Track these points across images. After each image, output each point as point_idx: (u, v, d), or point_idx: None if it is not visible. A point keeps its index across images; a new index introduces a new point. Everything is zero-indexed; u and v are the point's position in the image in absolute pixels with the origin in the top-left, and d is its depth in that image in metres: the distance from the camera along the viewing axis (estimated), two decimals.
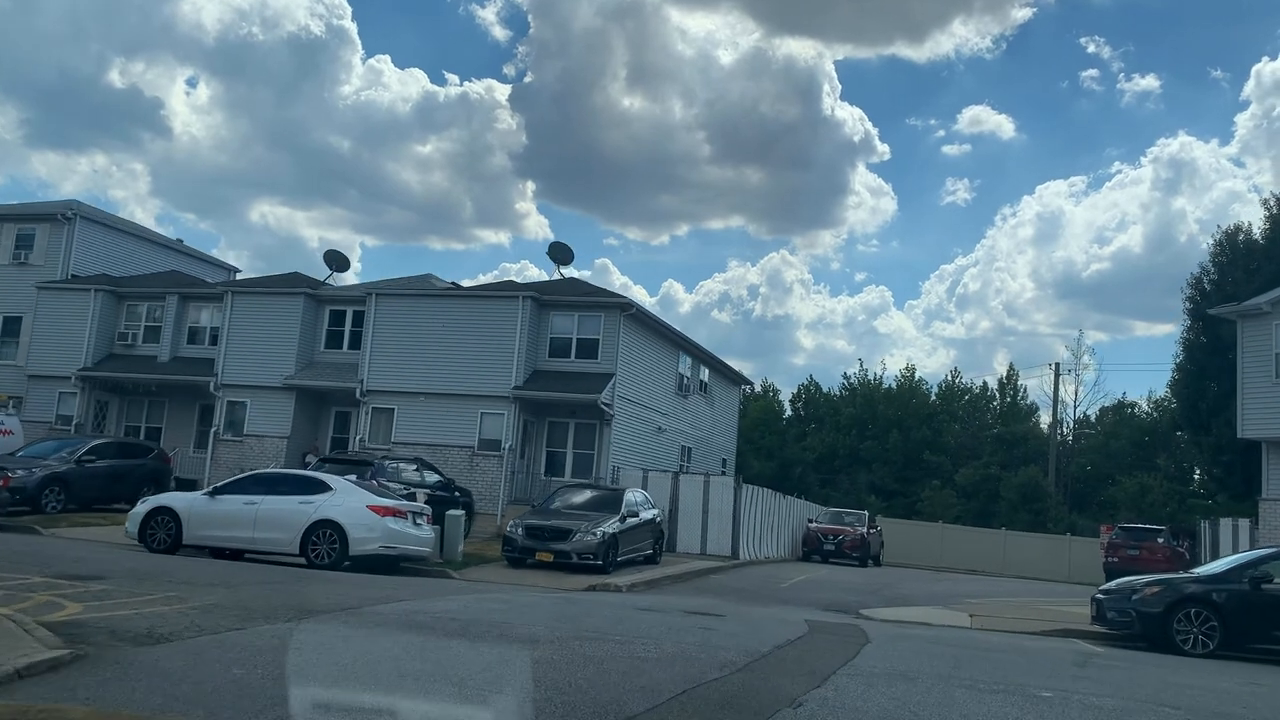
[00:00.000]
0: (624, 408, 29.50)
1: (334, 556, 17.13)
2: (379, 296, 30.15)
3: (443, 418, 28.90)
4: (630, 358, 29.89)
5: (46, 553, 15.77)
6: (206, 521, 17.86)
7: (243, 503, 17.81)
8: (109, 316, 33.04)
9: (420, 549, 18.25)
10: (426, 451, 28.43)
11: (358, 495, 17.79)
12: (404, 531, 17.67)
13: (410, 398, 29.24)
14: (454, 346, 29.11)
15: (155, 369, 32.05)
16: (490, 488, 28.17)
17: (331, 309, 31.54)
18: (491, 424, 28.64)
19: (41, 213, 34.62)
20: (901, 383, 66.43)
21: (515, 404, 28.48)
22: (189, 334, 32.81)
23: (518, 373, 28.56)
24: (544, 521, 20.35)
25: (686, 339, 35.05)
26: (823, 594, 21.63)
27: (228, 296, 31.57)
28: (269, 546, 17.52)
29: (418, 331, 29.51)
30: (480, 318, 29.29)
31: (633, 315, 29.54)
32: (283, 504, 17.69)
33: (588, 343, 29.23)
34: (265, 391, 30.57)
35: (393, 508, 17.66)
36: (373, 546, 17.32)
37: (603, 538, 19.94)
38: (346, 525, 17.21)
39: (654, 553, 23.11)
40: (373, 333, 29.83)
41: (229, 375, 31.01)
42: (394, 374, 29.48)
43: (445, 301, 30.08)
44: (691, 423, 36.56)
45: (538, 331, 29.43)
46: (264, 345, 30.83)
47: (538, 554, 19.82)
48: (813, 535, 35.41)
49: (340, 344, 31.26)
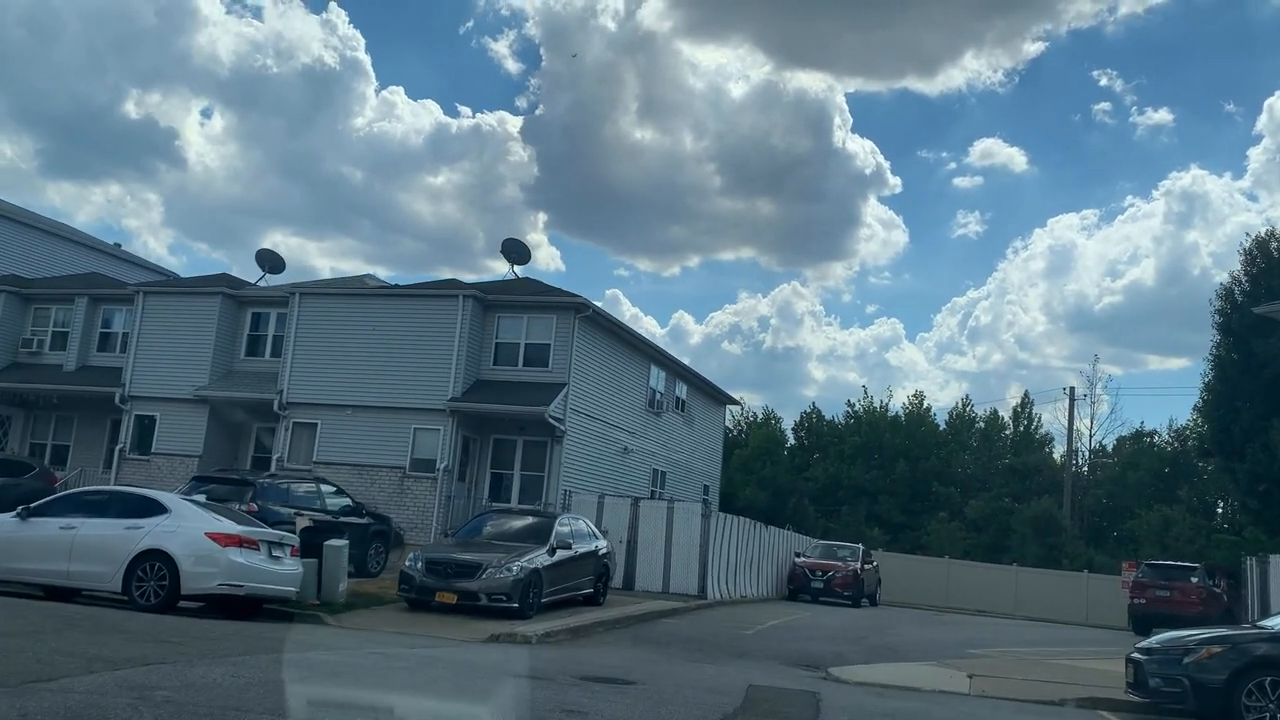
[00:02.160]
0: (579, 423, 25.90)
1: (162, 595, 13.52)
2: (303, 296, 26.72)
3: (371, 434, 25.36)
4: (587, 367, 26.33)
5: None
6: (13, 551, 14.25)
7: (58, 527, 14.22)
8: (13, 320, 29.69)
9: (279, 587, 14.61)
10: (352, 473, 24.92)
11: (196, 520, 14.19)
12: (254, 566, 14.03)
13: (335, 411, 25.72)
14: (385, 353, 25.62)
15: (59, 379, 28.62)
16: (423, 514, 24.57)
17: (254, 311, 28.12)
18: (426, 441, 25.07)
19: None
20: (909, 411, 62.95)
21: (453, 418, 24.91)
22: (99, 340, 29.41)
23: (456, 382, 25.03)
24: (447, 554, 16.72)
25: (659, 350, 31.50)
26: (794, 644, 17.92)
27: (139, 298, 28.18)
28: (87, 582, 13.94)
29: (345, 336, 26.05)
30: (415, 320, 25.80)
31: (589, 318, 26.01)
32: (105, 529, 14.10)
33: (537, 348, 25.72)
34: (176, 404, 27.11)
35: (239, 535, 14.04)
36: (210, 584, 13.69)
37: (520, 574, 16.28)
38: (178, 556, 13.61)
39: (595, 592, 19.43)
40: (294, 337, 26.37)
41: (137, 386, 27.57)
42: (317, 384, 25.98)
43: (376, 302, 26.62)
44: (665, 444, 32.92)
45: (481, 336, 25.93)
46: (177, 352, 27.40)
47: (438, 594, 16.17)
48: (799, 571, 31.60)
49: (262, 351, 27.83)
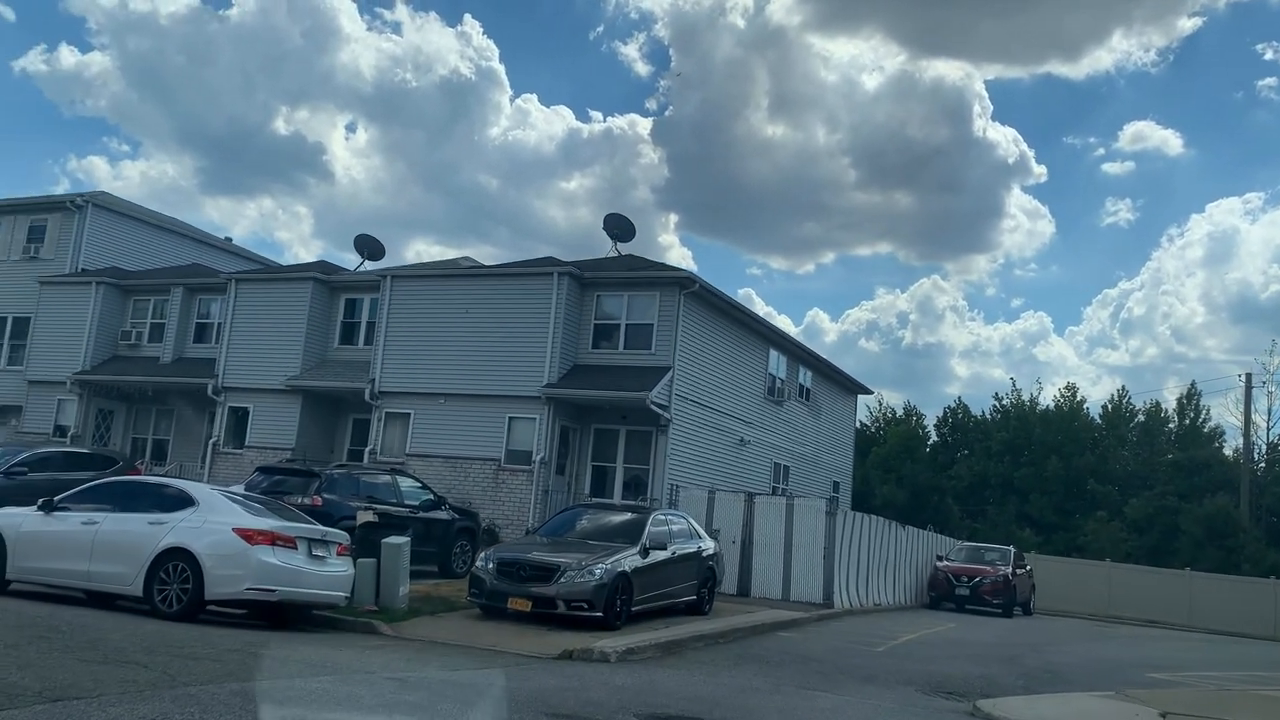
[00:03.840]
0: (686, 411, 23.46)
1: (185, 601, 11.73)
2: (394, 280, 25.09)
3: (465, 424, 23.51)
4: (695, 348, 23.86)
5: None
6: (36, 548, 12.75)
7: (80, 522, 12.65)
8: (113, 314, 29.16)
9: (321, 591, 12.66)
10: (445, 466, 23.14)
11: (226, 514, 12.37)
12: (289, 567, 12.11)
13: (428, 400, 23.99)
14: (479, 337, 23.74)
15: (156, 371, 27.88)
16: (519, 510, 22.57)
17: (347, 298, 26.72)
18: (521, 431, 23.06)
19: (53, 203, 31.20)
20: (1060, 404, 58.17)
21: (549, 406, 22.82)
22: (196, 331, 28.56)
23: (552, 367, 22.93)
24: (521, 555, 14.52)
25: (779, 332, 28.75)
26: (934, 664, 15.05)
27: (231, 286, 27.14)
28: (108, 584, 12.27)
29: (437, 321, 24.29)
30: (509, 302, 23.82)
31: (695, 294, 23.52)
32: (127, 525, 12.42)
33: (638, 329, 23.39)
34: (269, 395, 25.91)
35: (271, 532, 12.14)
36: (236, 588, 11.82)
37: (604, 578, 13.96)
38: (201, 556, 11.81)
39: (699, 599, 16.95)
40: (386, 323, 24.77)
41: (231, 377, 26.52)
42: (410, 372, 24.31)
43: (468, 283, 24.75)
44: (788, 436, 30.14)
45: (579, 317, 23.76)
46: (269, 341, 26.22)
47: (511, 600, 14.00)
48: (942, 577, 28.39)
49: (356, 338, 26.39)
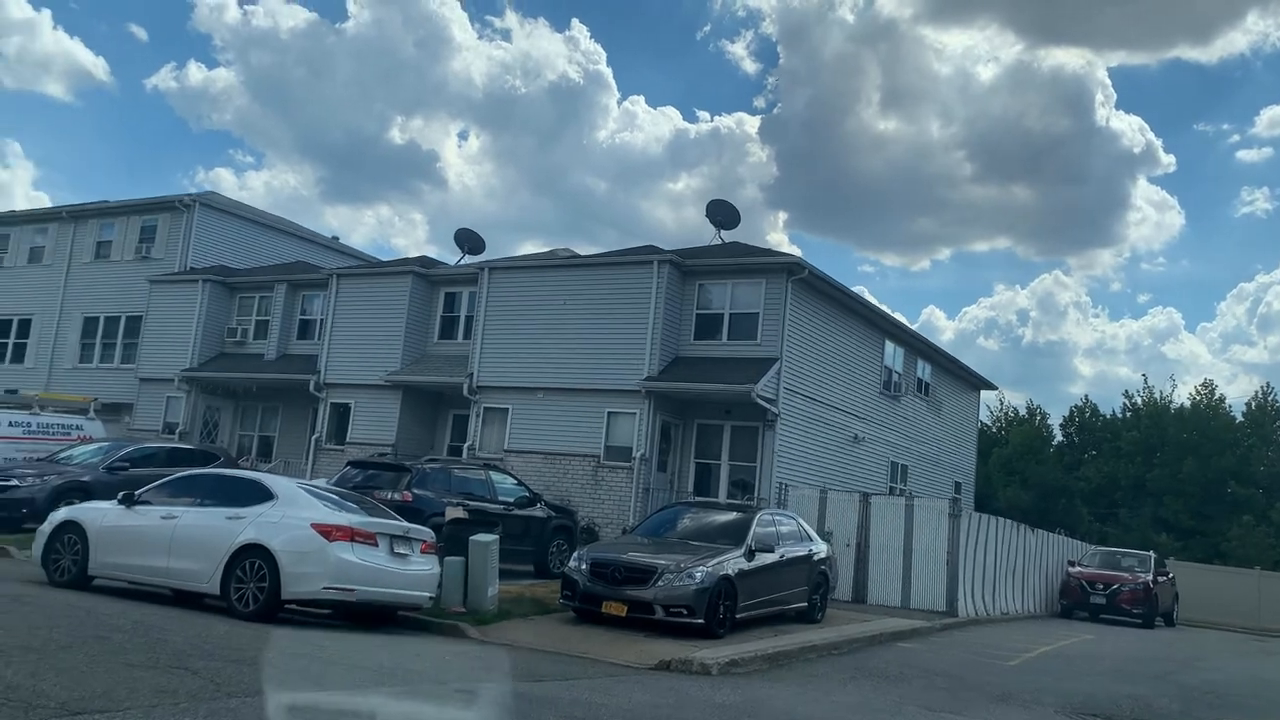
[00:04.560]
0: (794, 405, 22.16)
1: (261, 601, 11.09)
2: (491, 272, 24.45)
3: (563, 419, 22.70)
4: (804, 339, 22.54)
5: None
6: (116, 543, 12.32)
7: (160, 516, 12.16)
8: (219, 312, 29.35)
9: (404, 591, 11.89)
10: (544, 462, 22.39)
11: (305, 508, 11.71)
12: (369, 565, 11.37)
13: (525, 395, 23.26)
14: (576, 330, 22.91)
15: (260, 368, 27.91)
16: (619, 508, 21.63)
17: (446, 292, 26.23)
18: (621, 426, 22.12)
19: (163, 203, 31.67)
20: (1198, 403, 54.46)
21: (649, 400, 21.82)
22: (299, 328, 28.51)
23: (652, 360, 21.92)
24: (616, 555, 13.53)
25: (895, 322, 27.14)
26: (1074, 681, 13.51)
27: (333, 282, 26.95)
28: (185, 581, 11.73)
29: (535, 313, 23.53)
30: (607, 292, 22.91)
31: (804, 281, 22.19)
32: (206, 519, 11.88)
33: (743, 319, 22.19)
34: (369, 390, 25.60)
35: (350, 527, 11.42)
36: (313, 587, 11.12)
37: (705, 582, 12.87)
38: (278, 552, 11.15)
39: (809, 606, 15.70)
40: (484, 316, 24.14)
41: (332, 373, 26.31)
42: (507, 366, 23.63)
43: (565, 273, 23.91)
44: (906, 433, 28.49)
45: (680, 307, 22.70)
46: (369, 337, 25.92)
47: (605, 604, 13.03)
48: (1074, 584, 26.38)
49: (455, 333, 25.87)
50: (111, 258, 32.31)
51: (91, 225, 32.97)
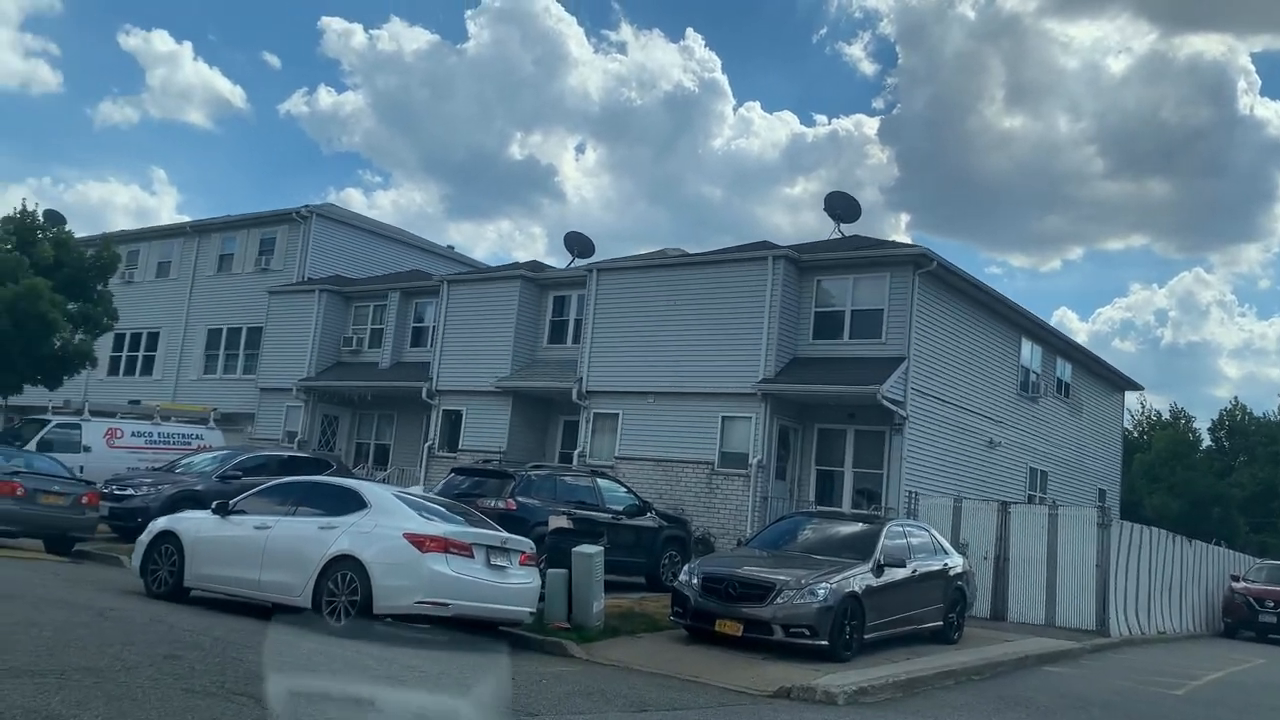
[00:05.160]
0: (924, 407, 20.70)
1: (352, 615, 10.46)
2: (600, 273, 23.71)
3: (675, 425, 21.77)
4: (933, 336, 21.07)
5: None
6: (210, 554, 11.93)
7: (254, 526, 11.71)
8: (335, 321, 29.47)
9: (502, 606, 11.11)
10: (655, 469, 21.52)
11: (398, 517, 11.05)
12: (464, 578, 10.63)
13: (636, 399, 22.42)
14: (688, 331, 21.95)
15: (374, 376, 27.85)
16: (735, 518, 20.57)
17: (555, 295, 25.65)
18: (736, 432, 21.06)
19: (281, 216, 32.09)
20: None
21: (766, 403, 20.69)
22: (412, 336, 28.37)
23: (768, 361, 20.79)
24: (730, 570, 12.48)
25: (1033, 318, 25.29)
26: (1255, 715, 11.84)
27: (443, 288, 26.69)
28: (277, 594, 11.17)
29: (645, 314, 22.69)
30: (720, 290, 21.87)
31: (932, 274, 20.73)
32: (298, 529, 11.36)
33: (866, 316, 20.86)
34: (480, 397, 25.19)
35: (444, 538, 10.70)
36: (405, 601, 10.44)
37: (829, 599, 11.72)
38: (369, 564, 10.52)
39: (945, 625, 14.34)
40: (593, 319, 23.42)
41: (444, 380, 26.01)
42: (617, 370, 22.84)
43: (676, 272, 22.95)
44: (1046, 437, 26.56)
45: (797, 305, 21.50)
46: (480, 343, 25.53)
47: (718, 622, 12.00)
48: (1239, 600, 24.06)
49: (564, 337, 25.25)
50: (233, 270, 32.94)
51: (214, 239, 33.72)
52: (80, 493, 16.92)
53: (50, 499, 16.35)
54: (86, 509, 16.90)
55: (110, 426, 23.67)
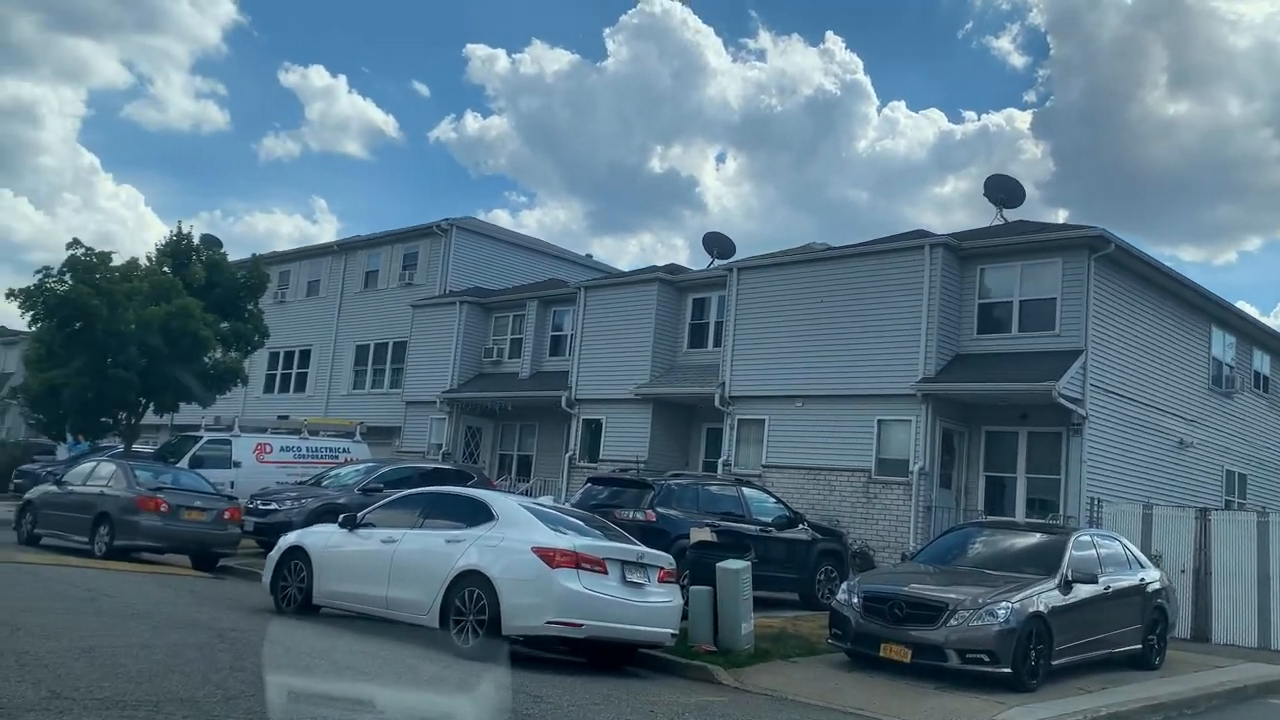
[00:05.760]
0: (1105, 405, 18.72)
1: (480, 636, 9.66)
2: (740, 272, 22.58)
3: (826, 430, 20.41)
4: (1113, 327, 19.07)
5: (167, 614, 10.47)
6: (337, 570, 11.39)
7: (381, 540, 11.09)
8: (476, 332, 29.29)
9: (641, 628, 10.10)
10: (806, 478, 20.24)
11: (524, 529, 10.21)
12: (598, 596, 9.69)
13: (783, 404, 21.16)
14: (838, 329, 20.57)
15: (514, 386, 27.48)
16: (895, 529, 19.06)
17: (694, 298, 24.65)
18: (894, 436, 19.55)
19: (423, 231, 32.24)
20: None
21: (926, 405, 19.12)
22: (551, 344, 27.87)
23: (927, 359, 19.22)
24: (895, 588, 11.14)
25: (1225, 304, 22.80)
26: None
27: (580, 295, 26.06)
28: (404, 612, 10.48)
29: (790, 313, 21.43)
30: (872, 285, 20.40)
31: (1109, 258, 18.75)
32: (424, 543, 10.67)
33: (1037, 306, 19.04)
34: (619, 405, 24.41)
35: (574, 552, 9.78)
36: (536, 621, 9.56)
37: (1011, 621, 10.28)
38: (497, 580, 9.71)
39: (1145, 649, 12.59)
40: (734, 320, 22.31)
41: (583, 388, 25.36)
42: (761, 373, 21.65)
43: (822, 267, 21.55)
44: (1243, 436, 23.91)
45: (958, 297, 19.85)
46: (618, 349, 24.77)
47: (883, 646, 10.70)
48: None
49: (705, 340, 24.22)
50: (378, 286, 33.31)
51: (360, 256, 34.22)
52: (222, 508, 16.89)
53: (193, 514, 16.36)
54: (228, 524, 16.85)
55: (259, 442, 23.93)
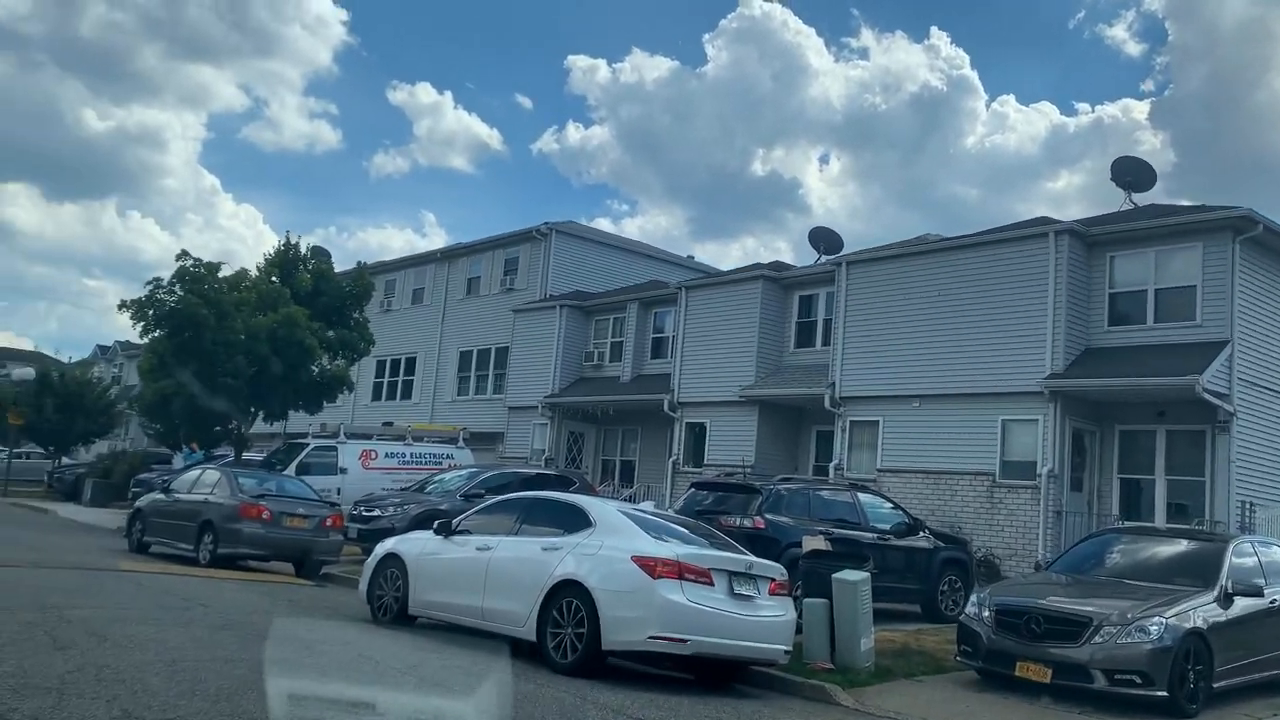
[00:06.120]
0: (1254, 400, 17.20)
1: (579, 651, 9.06)
2: (849, 267, 21.59)
3: (945, 431, 19.31)
4: (1261, 316, 17.53)
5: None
6: (433, 578, 10.94)
7: (476, 548, 10.60)
8: (576, 336, 28.91)
9: (752, 644, 9.35)
10: (924, 482, 19.16)
11: (624, 536, 9.57)
12: (704, 609, 8.98)
13: (898, 404, 20.11)
14: (956, 324, 19.45)
15: (615, 390, 26.97)
16: (1022, 536, 17.85)
17: (800, 295, 23.73)
18: (1019, 437, 18.34)
19: (522, 236, 32.06)
20: None
21: (1054, 403, 17.86)
22: (652, 347, 27.28)
23: (1054, 354, 17.96)
24: (1032, 600, 10.13)
25: None
26: None
27: (681, 295, 25.40)
28: (500, 624, 9.94)
29: (904, 309, 20.38)
30: (992, 276, 19.22)
31: (1255, 240, 17.21)
32: (520, 551, 10.13)
33: (1174, 295, 17.62)
34: (724, 408, 23.66)
35: (677, 562, 9.10)
36: (637, 635, 8.91)
37: (1164, 639, 9.20)
38: (595, 591, 9.09)
39: None
40: (844, 317, 21.34)
41: (685, 391, 24.68)
42: (874, 372, 20.64)
43: (938, 259, 20.41)
44: None
45: (1086, 287, 18.52)
46: (721, 351, 24.02)
47: (1019, 664, 9.72)
48: None
49: (812, 339, 23.28)
50: (480, 293, 33.28)
51: (462, 263, 34.27)
52: (324, 515, 16.74)
53: (295, 522, 16.22)
54: (330, 531, 16.68)
55: (365, 448, 23.93)
